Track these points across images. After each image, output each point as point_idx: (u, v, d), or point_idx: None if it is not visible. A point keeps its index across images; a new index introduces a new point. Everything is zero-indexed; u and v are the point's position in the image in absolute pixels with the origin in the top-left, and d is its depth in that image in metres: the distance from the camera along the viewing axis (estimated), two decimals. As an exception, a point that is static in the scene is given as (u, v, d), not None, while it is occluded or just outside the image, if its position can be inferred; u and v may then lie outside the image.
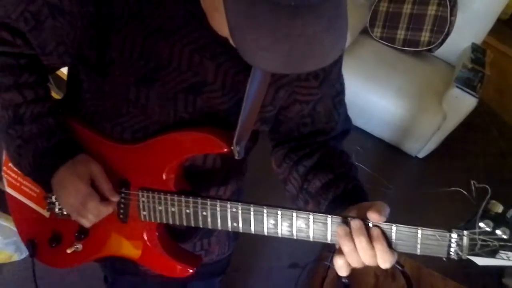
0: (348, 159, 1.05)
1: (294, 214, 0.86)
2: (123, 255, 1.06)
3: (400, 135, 3.31)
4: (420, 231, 0.79)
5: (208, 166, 1.04)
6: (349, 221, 0.82)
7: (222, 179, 1.09)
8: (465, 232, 0.76)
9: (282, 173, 1.10)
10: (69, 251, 1.08)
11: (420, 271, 1.88)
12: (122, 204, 1.02)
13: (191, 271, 1.03)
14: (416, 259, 1.83)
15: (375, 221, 0.80)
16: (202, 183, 1.06)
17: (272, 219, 0.88)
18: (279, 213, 0.87)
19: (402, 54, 3.43)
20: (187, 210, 0.96)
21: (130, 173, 1.01)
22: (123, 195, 1.01)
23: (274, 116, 1.04)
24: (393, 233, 0.80)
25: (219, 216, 0.93)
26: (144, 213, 1.00)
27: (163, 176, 0.97)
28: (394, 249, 0.81)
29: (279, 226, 0.88)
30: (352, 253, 0.81)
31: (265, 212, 0.88)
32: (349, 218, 0.82)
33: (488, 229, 0.74)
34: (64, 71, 1.11)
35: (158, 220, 1.00)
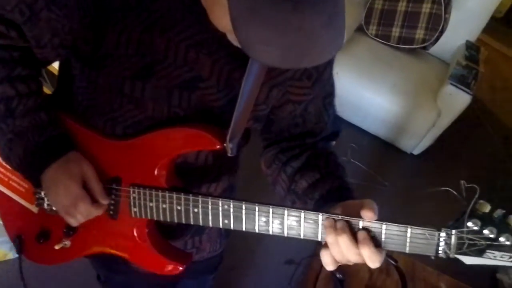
0: (335, 160, 1.06)
1: (285, 212, 0.86)
2: (113, 252, 1.05)
3: (395, 132, 3.33)
4: (409, 230, 0.79)
5: (200, 163, 1.04)
6: (337, 219, 0.82)
7: (214, 176, 1.09)
8: (454, 231, 0.77)
9: (271, 174, 1.10)
10: (57, 248, 1.06)
11: (413, 266, 1.89)
12: (113, 201, 1.01)
13: (181, 268, 1.02)
14: (410, 254, 1.83)
15: (369, 219, 0.80)
16: (194, 180, 1.05)
17: (264, 217, 0.88)
18: (270, 211, 0.87)
19: (397, 51, 3.44)
20: (179, 207, 0.95)
21: (121, 169, 1.00)
22: (113, 191, 1.01)
23: (266, 115, 1.04)
24: (383, 232, 0.81)
25: (210, 213, 0.93)
26: (135, 209, 1.00)
27: (155, 172, 0.96)
28: (383, 248, 0.81)
29: (270, 224, 0.88)
30: (334, 245, 0.81)
31: (256, 209, 0.88)
32: (338, 217, 0.82)
33: (475, 228, 0.74)
34: (55, 66, 1.10)
35: (149, 217, 0.99)
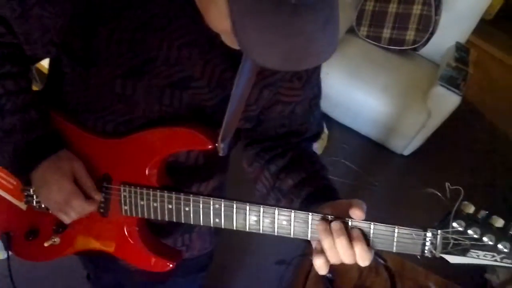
0: (318, 160, 1.07)
1: (276, 212, 0.87)
2: (103, 249, 1.05)
3: (386, 133, 3.35)
4: (396, 230, 0.81)
5: (190, 162, 1.04)
6: (329, 219, 0.83)
7: (205, 175, 1.10)
8: (439, 231, 0.79)
9: (253, 171, 1.10)
10: (46, 245, 1.06)
11: (402, 265, 1.91)
12: (103, 199, 1.02)
13: (171, 266, 1.03)
14: (399, 253, 1.85)
15: (358, 218, 0.81)
16: (184, 179, 1.06)
17: (254, 216, 0.89)
18: (261, 210, 0.88)
19: (388, 52, 3.46)
20: (170, 206, 0.96)
21: (112, 168, 1.00)
22: (104, 189, 1.01)
23: (257, 115, 1.05)
24: (371, 231, 0.82)
25: (201, 212, 0.94)
26: (126, 207, 1.00)
27: (146, 171, 0.97)
28: (371, 247, 0.83)
29: (261, 223, 0.89)
30: (332, 249, 0.82)
31: (247, 208, 0.89)
32: (329, 218, 0.83)
33: (460, 229, 0.77)
34: (44, 64, 1.10)
35: (140, 215, 0.99)
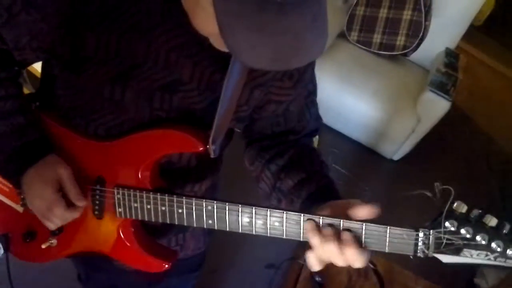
0: (318, 157, 1.07)
1: (268, 213, 0.87)
2: (99, 251, 1.06)
3: (376, 138, 3.36)
4: (388, 230, 0.81)
5: (183, 163, 1.04)
6: (319, 220, 0.83)
7: (197, 176, 1.10)
8: (431, 231, 0.79)
9: (255, 170, 1.11)
10: (43, 247, 1.07)
11: (392, 269, 1.91)
12: (97, 201, 1.02)
13: (167, 266, 1.03)
14: (388, 258, 1.86)
15: (363, 216, 0.81)
16: (177, 180, 1.06)
17: (247, 217, 0.89)
18: (253, 211, 0.88)
19: (378, 57, 3.48)
20: (163, 208, 0.96)
21: (105, 170, 1.01)
22: (98, 192, 1.01)
23: (249, 115, 1.05)
24: (363, 232, 0.82)
25: (194, 214, 0.94)
26: (120, 210, 1.00)
27: (139, 174, 0.97)
28: (366, 247, 0.82)
29: (253, 224, 0.89)
30: (319, 248, 0.82)
31: (239, 210, 0.89)
32: (321, 220, 0.84)
33: (452, 228, 0.76)
34: (37, 67, 1.10)
35: (134, 217, 1.00)
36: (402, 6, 3.28)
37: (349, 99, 3.24)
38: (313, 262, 0.84)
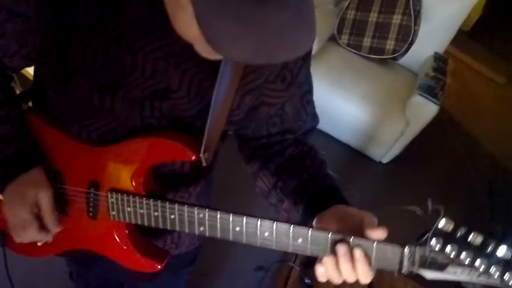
0: (317, 155, 1.07)
1: (258, 223, 0.88)
2: (94, 250, 1.07)
3: (365, 141, 3.38)
4: (375, 245, 0.81)
5: (177, 167, 1.05)
6: (336, 244, 0.82)
7: (192, 178, 1.10)
8: (417, 248, 0.80)
9: (251, 168, 1.11)
10: (39, 244, 1.09)
11: (381, 272, 1.92)
12: (91, 203, 1.02)
13: (159, 267, 1.04)
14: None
15: (380, 238, 0.81)
16: (172, 182, 1.07)
17: (238, 227, 0.90)
18: (244, 221, 0.89)
19: (368, 61, 3.50)
20: (156, 213, 0.96)
21: (99, 175, 1.01)
22: (92, 194, 1.02)
23: (242, 118, 1.04)
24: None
25: (186, 220, 0.94)
26: (113, 213, 1.01)
27: (131, 180, 0.97)
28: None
29: (244, 234, 0.90)
30: (333, 271, 0.83)
31: (230, 219, 0.90)
32: (329, 236, 0.83)
33: (438, 246, 0.78)
34: (30, 70, 1.09)
35: (127, 220, 1.00)
36: (392, 10, 3.31)
37: (338, 102, 3.26)
38: (322, 274, 0.84)
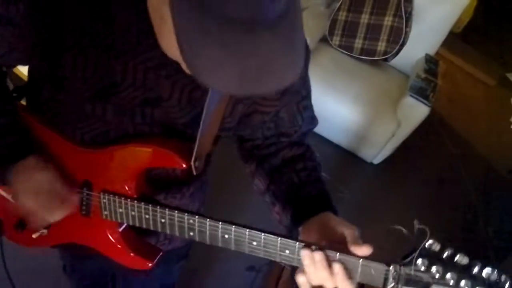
0: (311, 156, 1.08)
1: (246, 233, 0.89)
2: (87, 244, 1.09)
3: (357, 141, 3.39)
4: (360, 262, 0.82)
5: (169, 170, 1.05)
6: (312, 249, 0.84)
7: (185, 180, 1.10)
8: (402, 267, 0.81)
9: (249, 167, 1.12)
10: (34, 236, 1.09)
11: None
12: (85, 202, 1.03)
13: (151, 265, 1.05)
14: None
15: (365, 255, 0.82)
16: (165, 184, 1.07)
17: (226, 235, 0.91)
18: (232, 229, 0.90)
19: (359, 62, 3.50)
20: (147, 216, 0.98)
21: (92, 176, 1.02)
22: (85, 194, 1.03)
23: (235, 125, 1.04)
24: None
25: (176, 225, 0.96)
26: (106, 213, 1.02)
27: (124, 183, 0.98)
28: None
29: (232, 242, 0.91)
30: (312, 273, 0.84)
31: (219, 227, 0.91)
32: (313, 247, 0.84)
33: (423, 266, 0.79)
34: (24, 71, 1.10)
35: (119, 221, 1.01)
36: (384, 12, 3.31)
37: (330, 103, 3.26)
38: (303, 282, 0.86)
